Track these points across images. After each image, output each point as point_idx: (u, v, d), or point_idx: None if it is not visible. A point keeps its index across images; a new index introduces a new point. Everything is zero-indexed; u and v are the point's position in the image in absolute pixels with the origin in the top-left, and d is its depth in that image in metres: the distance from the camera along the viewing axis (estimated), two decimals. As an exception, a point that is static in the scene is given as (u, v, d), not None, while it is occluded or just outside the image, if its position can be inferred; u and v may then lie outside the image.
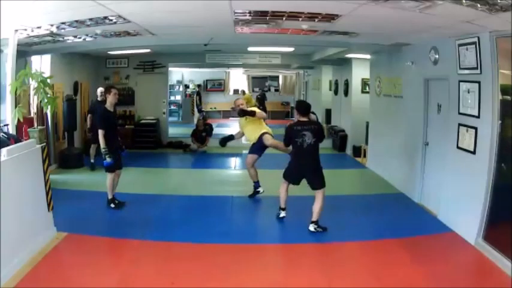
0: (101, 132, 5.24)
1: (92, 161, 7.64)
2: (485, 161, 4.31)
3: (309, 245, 4.32)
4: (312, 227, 4.73)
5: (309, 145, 4.73)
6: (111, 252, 4.42)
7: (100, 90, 7.81)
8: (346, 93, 10.06)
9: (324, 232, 4.67)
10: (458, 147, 4.83)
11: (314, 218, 4.74)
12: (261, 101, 15.24)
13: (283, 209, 5.21)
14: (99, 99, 7.76)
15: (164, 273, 3.78)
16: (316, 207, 4.76)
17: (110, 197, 5.56)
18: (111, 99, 5.40)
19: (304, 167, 4.86)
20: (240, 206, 5.88)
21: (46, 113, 7.21)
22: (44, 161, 4.31)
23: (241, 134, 6.26)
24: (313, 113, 5.19)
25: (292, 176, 5.01)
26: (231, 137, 6.29)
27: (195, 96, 15.55)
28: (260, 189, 6.10)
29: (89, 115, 7.81)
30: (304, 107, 4.98)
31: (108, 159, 5.25)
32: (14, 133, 4.42)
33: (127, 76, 10.51)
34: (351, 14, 3.97)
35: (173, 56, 10.32)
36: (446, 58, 5.08)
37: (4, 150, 3.61)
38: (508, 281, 3.67)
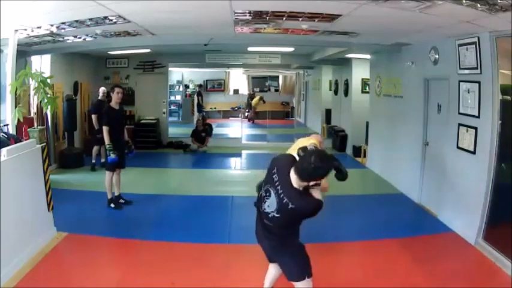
0: (105, 129, 5.26)
1: (93, 161, 7.66)
2: (485, 161, 4.31)
3: (309, 245, 4.27)
4: None
5: (267, 215, 2.60)
6: (111, 252, 4.43)
7: (102, 89, 7.82)
8: (346, 93, 10.07)
9: None
10: (458, 147, 4.83)
11: None
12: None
13: None
14: (100, 98, 7.75)
15: (164, 273, 3.79)
16: None
17: (109, 196, 5.57)
18: (114, 98, 5.44)
19: (264, 240, 2.80)
20: (240, 206, 5.87)
21: (46, 113, 7.22)
22: (44, 161, 4.31)
23: None
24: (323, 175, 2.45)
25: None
26: None
27: (196, 96, 15.51)
28: None
29: (95, 115, 7.38)
30: (307, 171, 2.36)
31: (112, 155, 5.26)
32: (14, 133, 4.41)
33: (127, 76, 10.51)
34: (351, 14, 3.97)
35: (173, 56, 10.32)
36: (446, 58, 5.08)
37: (4, 150, 3.62)
38: (508, 281, 3.68)
